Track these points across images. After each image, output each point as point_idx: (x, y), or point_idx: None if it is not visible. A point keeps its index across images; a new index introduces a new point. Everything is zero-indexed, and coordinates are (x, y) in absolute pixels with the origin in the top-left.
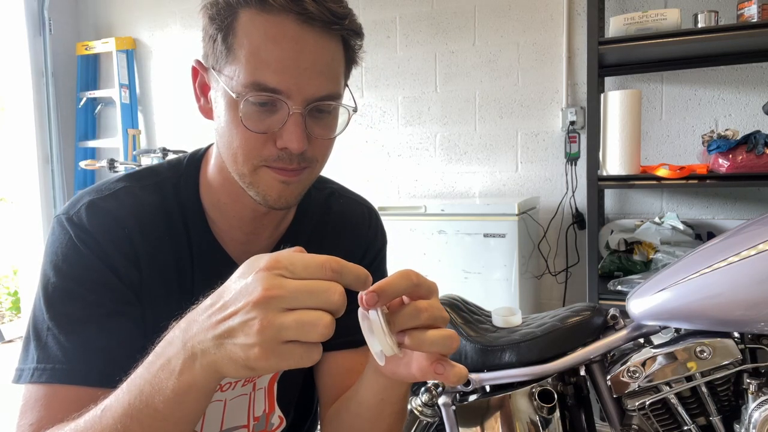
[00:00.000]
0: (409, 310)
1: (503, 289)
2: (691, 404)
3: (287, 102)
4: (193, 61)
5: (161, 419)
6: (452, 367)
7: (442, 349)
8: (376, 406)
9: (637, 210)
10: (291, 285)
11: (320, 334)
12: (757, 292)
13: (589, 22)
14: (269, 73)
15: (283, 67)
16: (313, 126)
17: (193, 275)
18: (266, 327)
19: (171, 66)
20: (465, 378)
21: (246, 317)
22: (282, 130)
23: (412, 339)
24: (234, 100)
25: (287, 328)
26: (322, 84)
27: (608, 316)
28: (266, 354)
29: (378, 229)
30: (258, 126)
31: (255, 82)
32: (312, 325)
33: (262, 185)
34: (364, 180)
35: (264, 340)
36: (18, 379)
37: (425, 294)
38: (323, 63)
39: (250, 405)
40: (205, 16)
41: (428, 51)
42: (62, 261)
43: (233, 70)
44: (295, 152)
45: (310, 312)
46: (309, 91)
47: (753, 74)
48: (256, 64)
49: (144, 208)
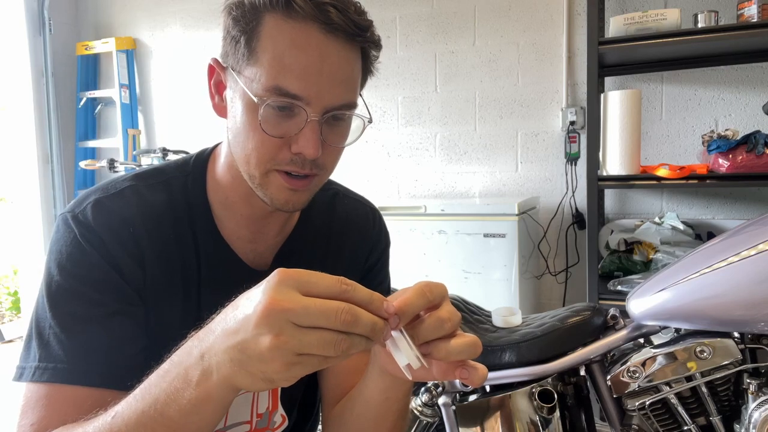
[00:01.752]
0: (432, 322)
1: (503, 289)
2: (691, 404)
3: (306, 109)
4: (210, 59)
5: (174, 429)
6: (476, 370)
7: (468, 356)
8: (381, 404)
9: (637, 210)
10: (300, 303)
11: (336, 350)
12: (757, 292)
13: (589, 22)
14: (292, 79)
15: (306, 74)
16: (328, 133)
17: (199, 274)
18: (283, 344)
19: (171, 66)
20: (486, 377)
21: (256, 332)
22: (298, 136)
23: (440, 351)
24: (253, 102)
25: (306, 344)
26: (341, 93)
27: (608, 316)
28: (285, 366)
29: (382, 230)
30: (275, 130)
31: (277, 86)
32: (329, 342)
33: (271, 189)
34: (364, 180)
35: (282, 354)
36: (19, 377)
37: (438, 301)
38: (344, 73)
39: (253, 402)
40: (228, 16)
41: (428, 51)
42: (66, 259)
43: (254, 73)
44: (309, 158)
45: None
46: (328, 100)
47: (753, 74)
48: (279, 69)
49: (150, 207)
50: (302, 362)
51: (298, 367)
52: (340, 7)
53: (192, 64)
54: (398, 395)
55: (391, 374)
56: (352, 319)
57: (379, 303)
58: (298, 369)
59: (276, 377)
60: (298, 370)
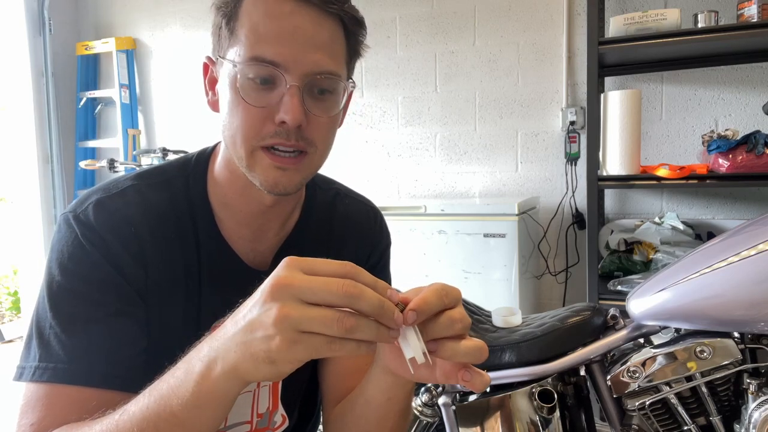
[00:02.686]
0: (444, 321)
1: (503, 289)
2: (691, 404)
3: (285, 76)
4: (204, 57)
5: (177, 424)
6: (479, 375)
7: (473, 360)
8: (382, 405)
9: (637, 210)
10: (304, 280)
11: (339, 329)
12: (757, 292)
13: (589, 22)
14: (266, 46)
15: (280, 40)
16: (312, 105)
17: (200, 274)
18: (285, 316)
19: (171, 66)
20: (488, 384)
21: (263, 309)
22: (279, 104)
23: (446, 350)
24: (236, 79)
25: (308, 318)
26: (319, 59)
27: (608, 316)
28: (287, 344)
29: (383, 230)
30: (257, 101)
31: (254, 56)
32: (331, 319)
33: (258, 170)
34: (364, 180)
35: (284, 329)
36: (19, 377)
37: (453, 305)
38: (321, 39)
39: (254, 402)
40: (213, 9)
41: (428, 51)
42: (67, 259)
43: (235, 51)
44: (292, 125)
45: (334, 311)
46: (306, 65)
47: (753, 74)
48: (255, 39)
49: (152, 206)
50: (304, 341)
51: (300, 346)
52: None
53: (192, 64)
54: (400, 396)
55: (394, 373)
56: (356, 292)
57: (383, 289)
58: (300, 348)
59: (278, 357)
60: (300, 349)
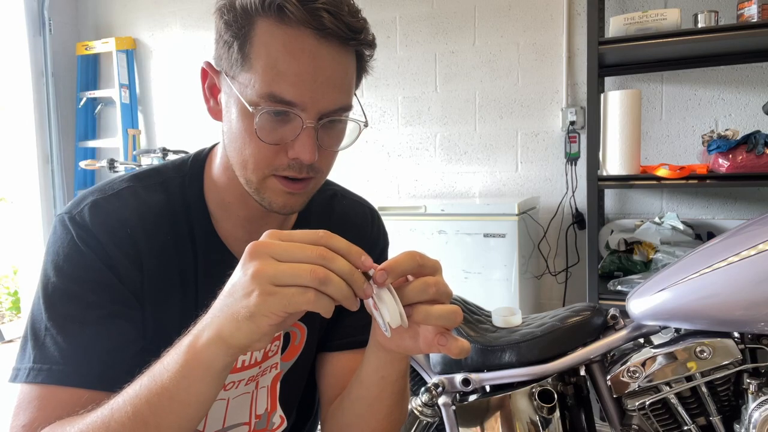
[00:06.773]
0: (417, 285)
1: (503, 289)
2: (691, 404)
3: (301, 115)
4: (203, 62)
5: (168, 398)
6: (455, 340)
7: (447, 323)
8: (376, 384)
9: (637, 210)
10: (281, 243)
11: (312, 279)
12: (757, 292)
13: (589, 22)
14: (286, 86)
15: (300, 81)
16: (324, 137)
17: (196, 275)
18: (261, 271)
19: (171, 66)
20: (468, 351)
21: (242, 270)
22: (294, 142)
23: (420, 312)
24: (248, 109)
25: (282, 272)
26: (335, 98)
27: (608, 316)
28: (263, 296)
29: (381, 230)
30: (271, 137)
31: (271, 93)
32: (304, 269)
33: (269, 193)
34: (364, 180)
35: (260, 283)
36: (14, 378)
37: (430, 272)
38: (338, 78)
39: (252, 403)
40: (219, 19)
41: (428, 51)
42: (63, 261)
43: (248, 79)
44: (306, 163)
45: (306, 265)
46: (323, 105)
47: (753, 74)
48: (273, 76)
49: (148, 208)
50: (280, 292)
51: (276, 297)
52: (332, 11)
53: (192, 64)
54: (393, 375)
55: (386, 349)
56: (329, 255)
57: (358, 254)
58: (276, 300)
59: (256, 310)
60: (275, 301)
